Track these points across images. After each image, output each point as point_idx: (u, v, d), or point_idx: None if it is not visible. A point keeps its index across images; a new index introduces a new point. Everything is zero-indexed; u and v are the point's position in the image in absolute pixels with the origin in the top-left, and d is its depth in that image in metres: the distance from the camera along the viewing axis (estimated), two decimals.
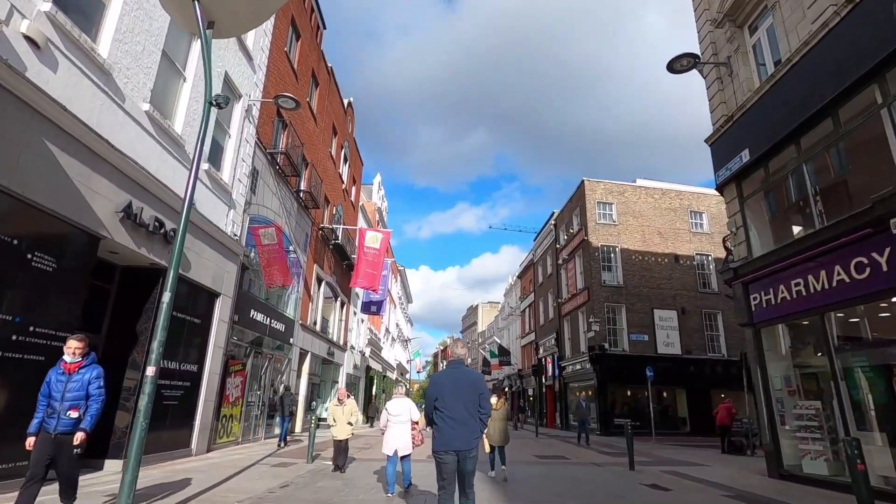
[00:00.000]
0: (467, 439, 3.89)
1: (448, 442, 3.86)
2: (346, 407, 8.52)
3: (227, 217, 11.03)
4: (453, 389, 4.01)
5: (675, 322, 23.16)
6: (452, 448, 3.84)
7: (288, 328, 15.63)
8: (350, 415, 8.49)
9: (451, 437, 3.87)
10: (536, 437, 19.75)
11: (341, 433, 8.37)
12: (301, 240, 16.86)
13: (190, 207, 5.24)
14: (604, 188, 24.97)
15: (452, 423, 3.90)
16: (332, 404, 8.78)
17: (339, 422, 8.42)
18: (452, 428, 3.89)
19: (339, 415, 8.43)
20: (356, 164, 26.58)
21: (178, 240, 4.92)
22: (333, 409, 8.63)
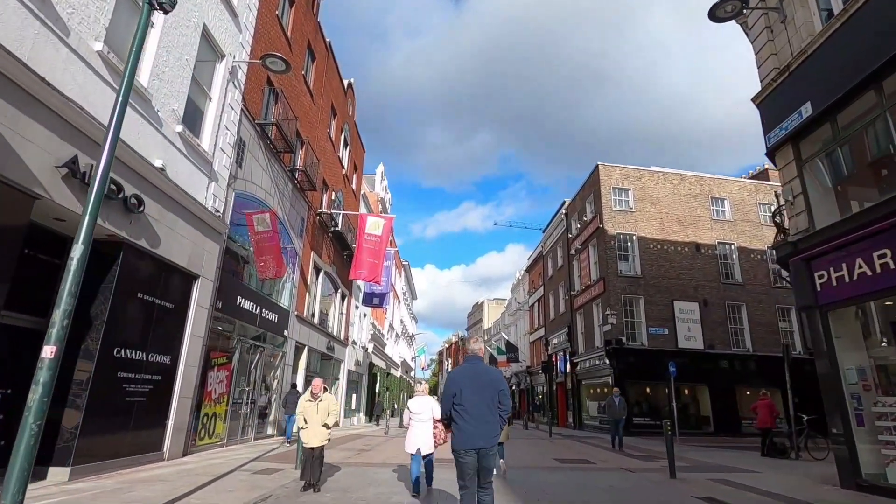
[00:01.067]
0: (488, 437, 3.80)
1: (469, 440, 3.76)
2: (323, 403, 6.57)
3: (208, 190, 9.76)
4: (472, 386, 3.90)
5: (697, 314, 21.73)
6: (474, 446, 3.75)
7: (282, 319, 14.37)
8: (326, 414, 6.54)
9: (473, 435, 3.77)
10: (550, 438, 18.41)
11: (314, 438, 6.41)
12: (296, 224, 15.59)
13: (116, 138, 3.97)
14: (619, 173, 23.54)
15: (473, 420, 3.80)
16: (304, 399, 6.69)
17: (311, 423, 6.49)
18: (473, 426, 3.78)
19: (312, 413, 6.54)
20: (357, 149, 25.30)
21: (98, 178, 3.67)
22: (305, 407, 6.59)
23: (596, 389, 23.58)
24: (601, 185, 23.06)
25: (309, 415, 6.55)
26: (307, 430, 6.49)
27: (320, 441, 6.46)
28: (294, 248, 15.45)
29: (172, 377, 8.60)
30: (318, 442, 6.43)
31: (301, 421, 6.58)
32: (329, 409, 6.61)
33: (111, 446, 7.07)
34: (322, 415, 6.54)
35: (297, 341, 15.89)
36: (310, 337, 17.31)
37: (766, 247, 23.63)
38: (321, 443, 6.47)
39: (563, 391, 28.33)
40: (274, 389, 14.42)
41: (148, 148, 7.74)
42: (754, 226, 23.87)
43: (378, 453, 11.33)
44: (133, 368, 7.49)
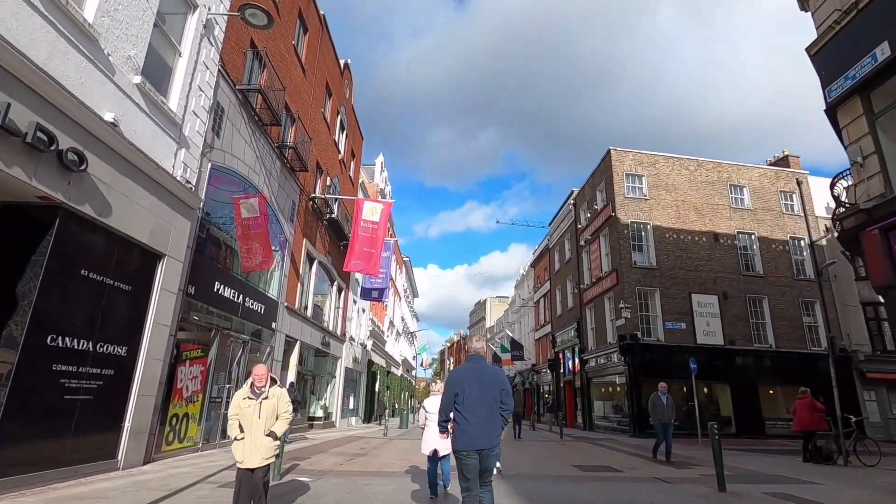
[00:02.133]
0: (490, 437, 3.73)
1: (472, 441, 3.69)
2: (269, 402, 4.37)
3: (176, 157, 8.47)
4: (475, 385, 3.83)
5: (716, 308, 20.40)
6: (477, 447, 3.67)
7: (269, 310, 13.10)
8: (272, 416, 4.38)
9: (475, 435, 3.69)
10: (562, 440, 17.10)
11: (254, 455, 4.20)
12: (286, 208, 14.31)
13: None
14: (633, 159, 22.21)
15: (475, 420, 3.71)
16: (240, 396, 4.45)
17: (250, 430, 4.25)
18: (475, 426, 3.70)
19: (252, 418, 4.27)
20: (355, 135, 24.02)
21: None
22: (241, 407, 4.36)
23: (607, 388, 22.27)
24: (613, 171, 21.73)
25: (247, 419, 4.29)
26: (243, 443, 4.24)
27: (263, 459, 4.23)
28: (284, 234, 14.17)
29: (129, 371, 7.32)
30: (259, 460, 4.20)
31: (235, 429, 4.32)
32: (278, 409, 4.45)
33: (44, 455, 5.80)
34: (267, 419, 4.34)
35: (287, 335, 14.62)
36: (302, 331, 16.03)
37: (788, 237, 22.30)
38: (265, 461, 4.26)
39: (572, 390, 27.02)
40: None
41: (94, 97, 6.46)
42: (775, 215, 22.52)
43: (374, 459, 10.07)
44: (74, 360, 6.20)
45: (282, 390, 4.68)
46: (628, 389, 19.27)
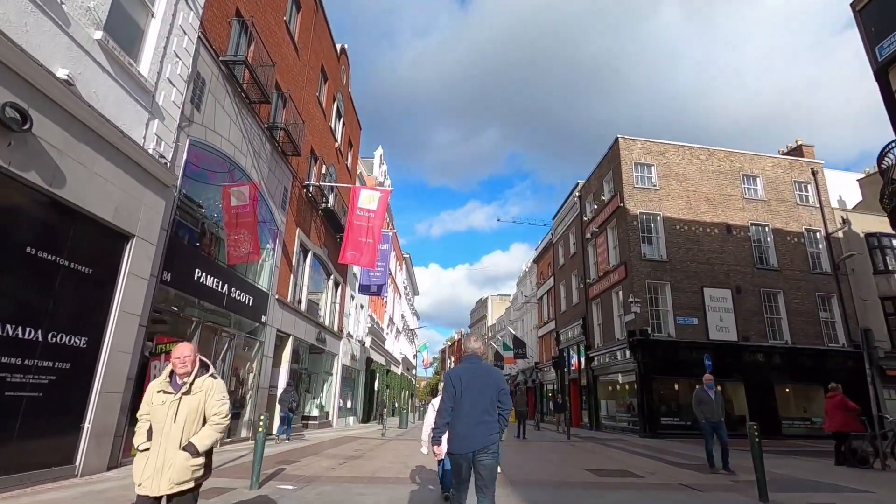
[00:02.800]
0: (485, 437, 3.59)
1: (465, 444, 3.58)
2: (192, 399, 3.14)
3: (148, 128, 7.61)
4: (472, 386, 3.71)
5: (730, 302, 19.53)
6: (471, 449, 3.55)
7: (259, 302, 12.26)
8: (195, 420, 3.13)
9: (469, 437, 3.59)
10: (569, 441, 16.24)
11: (157, 478, 2.93)
12: (277, 194, 13.46)
13: None
14: (641, 147, 21.32)
15: (469, 422, 3.62)
16: (154, 388, 3.20)
17: (160, 439, 3.03)
18: (468, 428, 3.60)
19: (164, 420, 3.05)
20: (353, 124, 23.15)
21: None
22: (153, 403, 3.14)
23: (615, 386, 21.40)
24: (622, 161, 20.85)
25: (158, 422, 3.05)
26: (146, 458, 3.00)
27: (174, 484, 2.94)
28: (274, 222, 13.32)
29: (90, 366, 6.47)
30: (166, 485, 2.93)
31: (142, 434, 3.10)
32: (206, 410, 3.16)
33: None
34: (187, 424, 3.06)
35: (279, 330, 13.77)
36: (295, 325, 15.18)
37: (803, 228, 21.42)
38: (176, 487, 2.95)
39: (577, 388, 26.15)
40: (250, 385, 12.31)
41: (44, 49, 5.61)
42: (790, 206, 21.64)
43: (370, 462, 9.22)
44: (17, 351, 5.36)
45: (216, 382, 3.27)
46: (638, 388, 18.41)
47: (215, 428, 3.19)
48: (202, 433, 3.13)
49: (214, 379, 3.33)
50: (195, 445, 3.05)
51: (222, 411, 3.23)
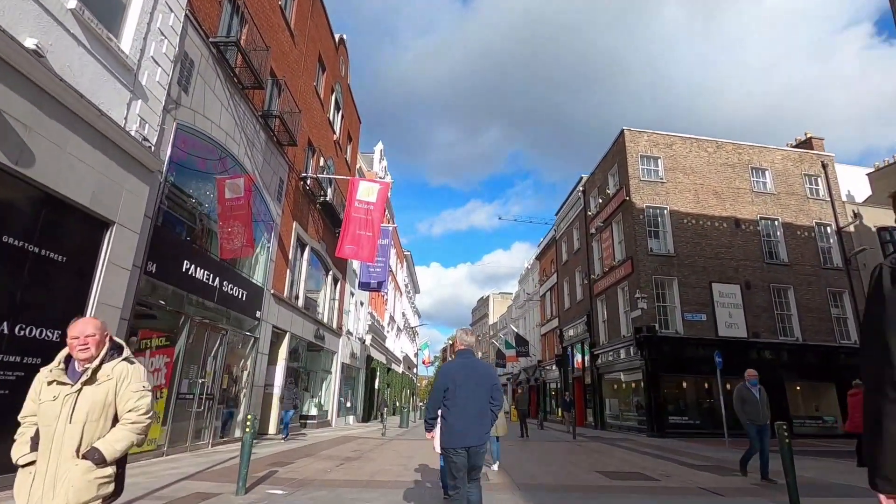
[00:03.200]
0: (480, 434, 3.65)
1: (462, 438, 3.55)
2: (99, 388, 2.35)
3: (129, 108, 7.14)
4: (466, 380, 3.70)
5: (739, 298, 19.02)
6: (466, 444, 3.55)
7: (253, 297, 11.80)
8: (100, 420, 2.33)
9: (465, 432, 3.57)
10: (575, 440, 15.76)
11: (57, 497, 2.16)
12: (273, 185, 12.99)
13: None
14: (648, 139, 20.81)
15: (465, 417, 3.60)
16: (42, 380, 2.38)
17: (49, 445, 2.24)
18: (465, 423, 3.59)
19: (55, 420, 2.26)
20: (352, 117, 22.67)
21: None
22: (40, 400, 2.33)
23: (621, 384, 20.90)
24: (627, 153, 20.34)
25: (49, 422, 2.28)
26: (34, 473, 2.24)
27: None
28: (269, 214, 12.85)
29: None
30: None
31: (23, 444, 2.34)
32: (120, 403, 2.41)
33: None
34: (88, 424, 2.31)
35: (274, 326, 13.30)
36: (292, 322, 14.71)
37: (813, 223, 20.90)
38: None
39: (581, 386, 25.67)
40: (244, 383, 11.85)
41: (8, 14, 5.13)
42: (800, 199, 21.11)
43: (368, 464, 8.75)
44: None
45: (131, 368, 2.48)
46: (645, 386, 17.92)
47: (130, 429, 2.37)
48: (111, 435, 2.33)
49: (131, 364, 2.50)
50: (101, 451, 2.26)
51: (140, 406, 2.41)
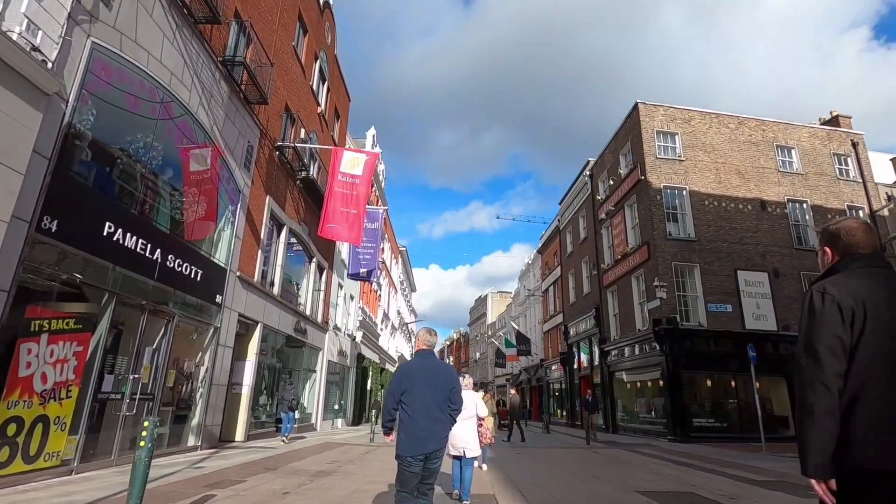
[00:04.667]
0: (439, 439, 3.46)
1: (420, 444, 3.34)
2: None
3: (9, 4, 5.24)
4: (424, 382, 3.49)
5: (767, 287, 17.21)
6: (425, 451, 3.35)
7: (212, 279, 9.88)
8: None
9: (424, 437, 3.36)
10: (589, 446, 13.88)
11: None
12: (239, 150, 11.09)
13: None
14: (664, 114, 19.00)
15: (423, 421, 3.39)
16: None
17: None
18: (423, 427, 3.37)
19: None
20: (340, 93, 20.78)
21: None
22: None
23: (636, 384, 19.04)
24: (642, 129, 18.51)
25: None
26: None
27: None
28: (235, 182, 10.94)
29: None
30: None
31: None
32: None
33: None
34: None
35: (241, 315, 11.38)
36: (265, 311, 12.79)
37: (844, 205, 19.12)
38: None
39: (589, 386, 23.76)
40: (201, 381, 9.91)
41: None
42: (829, 180, 19.33)
43: (342, 480, 6.86)
44: None
45: None
46: (665, 384, 16.06)
47: None
48: None
49: None
50: None
51: None
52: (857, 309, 1.55)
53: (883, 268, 1.68)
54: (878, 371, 1.50)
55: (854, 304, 1.55)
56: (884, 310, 1.55)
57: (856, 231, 1.74)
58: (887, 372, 1.50)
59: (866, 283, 1.61)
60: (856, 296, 1.57)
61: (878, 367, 1.51)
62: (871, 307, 1.55)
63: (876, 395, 1.49)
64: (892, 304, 1.56)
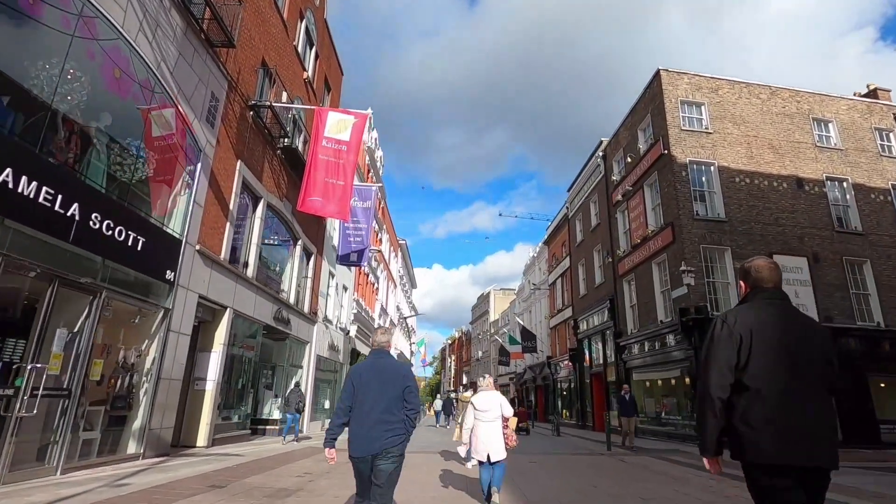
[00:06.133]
0: (386, 439, 3.22)
1: (366, 445, 3.21)
2: None
3: None
4: (375, 382, 3.36)
5: (806, 273, 15.37)
6: (369, 452, 3.20)
7: (161, 250, 8.11)
8: None
9: (369, 438, 3.21)
10: (610, 453, 12.06)
11: None
12: (199, 100, 9.30)
13: None
14: (689, 82, 17.15)
15: (368, 422, 3.25)
16: None
17: None
18: (367, 429, 3.23)
19: None
20: (330, 62, 19.00)
21: None
22: None
23: (658, 381, 17.20)
24: (665, 98, 16.66)
25: None
26: None
27: None
28: (193, 138, 9.14)
29: None
30: None
31: None
32: None
33: None
34: None
35: (204, 297, 9.59)
36: (237, 295, 11.01)
37: (889, 184, 17.27)
38: None
39: (601, 385, 21.95)
40: (145, 374, 8.12)
41: None
42: (872, 157, 17.48)
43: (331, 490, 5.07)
44: None
45: None
46: (694, 382, 14.20)
47: None
48: None
49: None
50: None
51: None
52: (744, 335, 1.98)
53: (779, 299, 2.14)
54: (764, 381, 1.93)
55: (743, 332, 1.99)
56: (769, 335, 1.98)
57: (762, 269, 2.21)
58: (770, 382, 1.92)
59: (762, 312, 2.06)
60: (746, 324, 2.01)
61: (764, 379, 1.93)
62: (757, 332, 1.98)
63: (762, 404, 1.91)
64: (777, 328, 2.01)
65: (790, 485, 1.83)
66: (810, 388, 1.90)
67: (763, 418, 1.87)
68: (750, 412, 1.90)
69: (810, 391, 1.89)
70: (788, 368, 1.90)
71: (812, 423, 1.86)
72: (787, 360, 1.91)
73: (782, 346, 1.94)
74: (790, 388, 1.88)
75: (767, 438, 1.85)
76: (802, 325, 2.04)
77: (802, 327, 2.02)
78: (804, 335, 1.99)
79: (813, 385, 1.91)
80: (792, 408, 1.86)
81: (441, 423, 24.86)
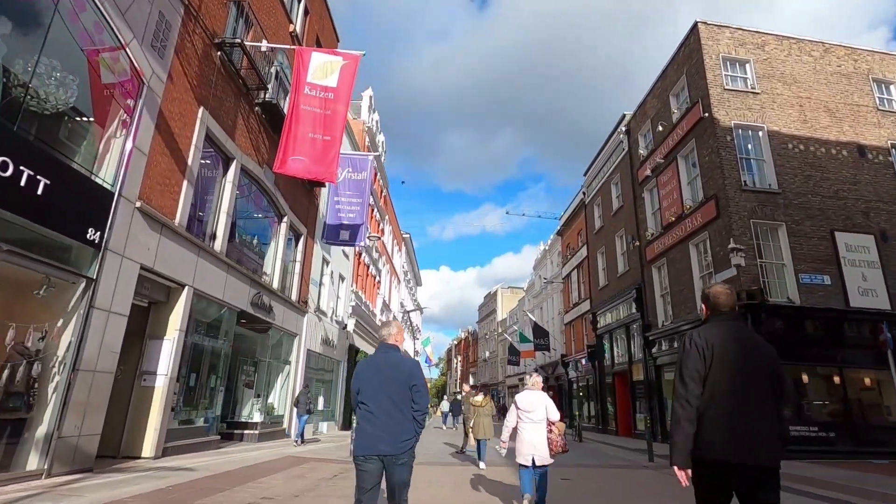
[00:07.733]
0: (395, 441, 3.03)
1: (371, 444, 3.03)
2: None
3: None
4: (380, 379, 3.19)
5: (874, 253, 13.20)
6: (376, 452, 3.01)
7: (79, 200, 6.15)
8: None
9: (375, 438, 3.04)
10: (654, 465, 9.95)
11: None
12: (139, 17, 7.33)
13: None
14: (731, 37, 14.99)
15: (376, 420, 3.09)
16: None
17: None
18: (375, 426, 3.07)
19: None
20: (324, 24, 17.04)
21: None
22: None
23: None
24: (704, 54, 14.51)
25: None
26: None
27: None
28: (130, 64, 7.16)
29: None
30: None
31: None
32: None
33: None
34: None
35: (149, 268, 7.61)
36: (199, 272, 9.01)
37: None
38: None
39: (626, 386, 19.79)
40: (58, 364, 6.14)
41: None
42: None
43: None
44: None
45: None
46: None
47: None
48: None
49: None
50: None
51: None
52: (707, 350, 2.27)
53: (734, 320, 2.41)
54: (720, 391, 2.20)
55: (706, 347, 2.27)
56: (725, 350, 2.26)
57: (720, 295, 2.49)
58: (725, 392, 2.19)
59: (720, 331, 2.34)
60: (708, 340, 2.29)
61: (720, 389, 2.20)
62: (717, 348, 2.26)
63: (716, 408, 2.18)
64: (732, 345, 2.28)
65: (732, 481, 2.15)
66: (758, 395, 2.18)
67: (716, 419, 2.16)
68: (706, 414, 2.18)
69: (758, 398, 2.18)
70: (740, 378, 2.21)
71: (757, 426, 2.14)
72: (739, 371, 2.21)
73: (736, 359, 2.25)
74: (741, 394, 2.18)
75: (720, 438, 2.13)
76: (752, 341, 2.34)
77: (752, 343, 2.33)
78: (753, 350, 2.29)
79: (761, 393, 2.19)
80: (741, 412, 2.15)
81: (448, 424, 23.04)
